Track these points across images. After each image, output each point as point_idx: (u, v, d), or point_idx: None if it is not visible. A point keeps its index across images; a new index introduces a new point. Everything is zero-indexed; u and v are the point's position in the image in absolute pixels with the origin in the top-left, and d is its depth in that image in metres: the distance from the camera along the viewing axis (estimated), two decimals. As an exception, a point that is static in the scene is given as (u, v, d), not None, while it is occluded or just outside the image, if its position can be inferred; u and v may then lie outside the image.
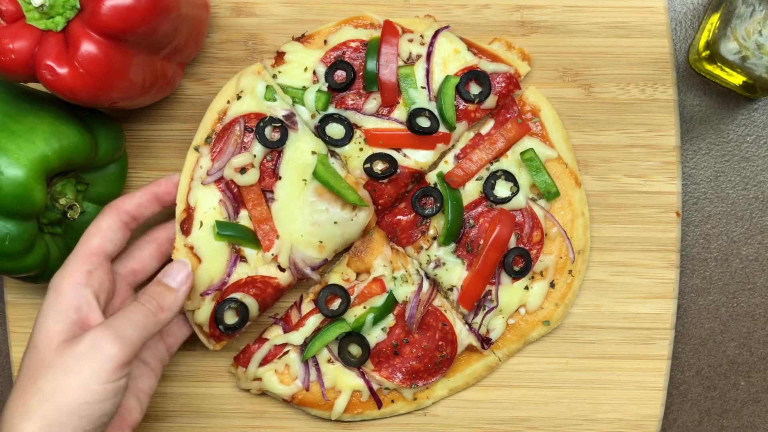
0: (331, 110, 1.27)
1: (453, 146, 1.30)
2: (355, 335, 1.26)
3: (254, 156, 1.23)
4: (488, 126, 1.30)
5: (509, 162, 1.29)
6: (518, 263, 1.27)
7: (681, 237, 1.34)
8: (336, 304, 1.27)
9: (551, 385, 1.33)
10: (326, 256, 1.25)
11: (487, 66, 1.27)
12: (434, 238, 1.28)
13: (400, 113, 1.27)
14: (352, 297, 1.27)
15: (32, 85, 1.21)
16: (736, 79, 1.28)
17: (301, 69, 1.28)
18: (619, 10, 1.30)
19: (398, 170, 1.26)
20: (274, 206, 1.24)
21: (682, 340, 1.40)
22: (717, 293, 1.39)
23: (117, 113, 1.32)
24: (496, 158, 1.29)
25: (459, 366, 1.31)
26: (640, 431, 1.33)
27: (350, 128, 1.26)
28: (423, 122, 1.26)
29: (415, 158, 1.27)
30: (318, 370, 1.28)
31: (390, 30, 1.27)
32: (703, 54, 1.29)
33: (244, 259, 1.25)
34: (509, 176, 1.27)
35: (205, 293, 1.24)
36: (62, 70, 1.06)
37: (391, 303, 1.27)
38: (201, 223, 1.24)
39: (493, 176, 1.27)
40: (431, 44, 1.27)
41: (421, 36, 1.28)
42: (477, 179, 1.28)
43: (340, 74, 1.27)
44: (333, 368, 1.28)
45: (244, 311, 1.24)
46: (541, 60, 1.32)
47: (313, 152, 1.24)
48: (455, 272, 1.28)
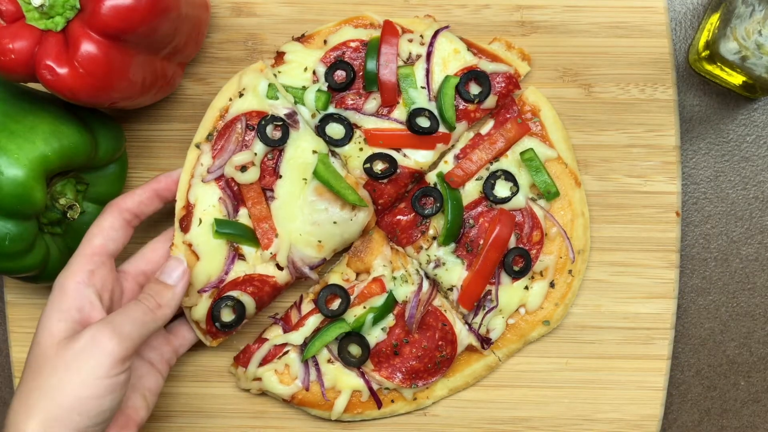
0: (331, 110, 1.27)
1: (453, 146, 1.30)
2: (355, 335, 1.26)
3: (255, 154, 1.23)
4: (488, 126, 1.30)
5: (509, 162, 1.29)
6: (518, 263, 1.27)
7: (681, 237, 1.34)
8: (336, 304, 1.27)
9: (551, 385, 1.33)
10: (325, 256, 1.25)
11: (487, 66, 1.27)
12: (434, 238, 1.28)
13: (400, 113, 1.27)
14: (352, 297, 1.27)
15: (32, 85, 1.21)
16: (736, 79, 1.28)
17: (301, 69, 1.28)
18: (619, 10, 1.30)
19: (398, 170, 1.26)
20: (274, 205, 1.24)
21: (682, 340, 1.39)
22: (717, 293, 1.39)
23: (117, 113, 1.32)
24: (496, 158, 1.29)
25: (459, 366, 1.31)
26: (640, 431, 1.33)
27: (350, 128, 1.26)
28: (423, 122, 1.26)
29: (415, 158, 1.27)
30: (318, 370, 1.28)
31: (390, 30, 1.27)
32: (703, 54, 1.29)
33: (243, 257, 1.25)
34: (509, 176, 1.27)
35: (203, 290, 1.24)
36: (62, 70, 1.06)
37: (391, 303, 1.27)
38: (200, 221, 1.24)
39: (493, 176, 1.27)
40: (431, 44, 1.27)
41: (421, 36, 1.28)
42: (477, 179, 1.28)
43: (340, 74, 1.27)
44: (333, 368, 1.28)
45: (241, 309, 1.24)
46: (541, 60, 1.32)
47: (314, 151, 1.24)
48: (455, 272, 1.28)
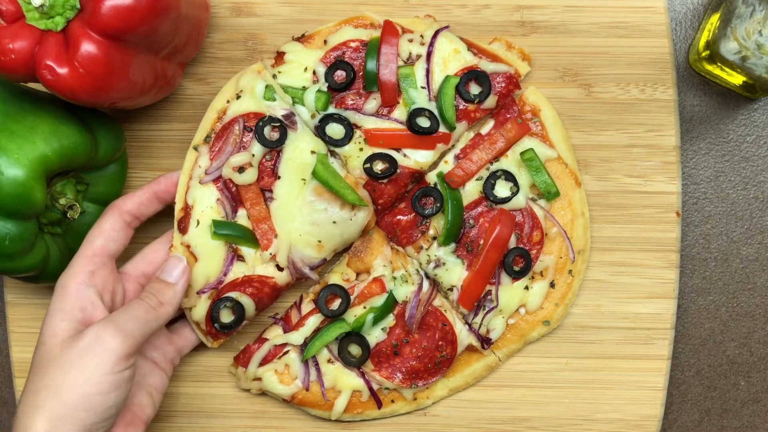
0: (331, 110, 1.27)
1: (453, 146, 1.30)
2: (355, 335, 1.26)
3: (253, 155, 1.24)
4: (488, 126, 1.30)
5: (509, 162, 1.29)
6: (518, 263, 1.27)
7: (681, 237, 1.33)
8: (336, 304, 1.27)
9: (551, 385, 1.33)
10: (325, 256, 1.25)
11: (487, 66, 1.27)
12: (434, 238, 1.28)
13: (400, 113, 1.27)
14: (352, 297, 1.27)
15: (32, 85, 1.21)
16: (736, 79, 1.28)
17: (301, 69, 1.28)
18: (619, 10, 1.30)
19: (398, 170, 1.26)
20: (273, 205, 1.24)
21: (682, 340, 1.39)
22: (717, 293, 1.39)
23: (117, 113, 1.32)
24: (496, 158, 1.29)
25: (459, 366, 1.31)
26: (640, 431, 1.33)
27: (350, 128, 1.26)
28: (423, 122, 1.26)
29: (415, 158, 1.27)
30: (318, 370, 1.28)
31: (390, 30, 1.27)
32: (703, 54, 1.29)
33: (242, 258, 1.25)
34: (509, 176, 1.27)
35: (201, 291, 1.24)
36: (62, 70, 1.06)
37: (391, 303, 1.27)
38: (198, 222, 1.24)
39: (493, 176, 1.27)
40: (431, 44, 1.27)
41: (421, 36, 1.28)
42: (477, 179, 1.28)
43: (340, 74, 1.27)
44: (333, 368, 1.28)
45: (240, 310, 1.24)
46: (541, 60, 1.32)
47: (313, 152, 1.24)
48: (455, 272, 1.27)
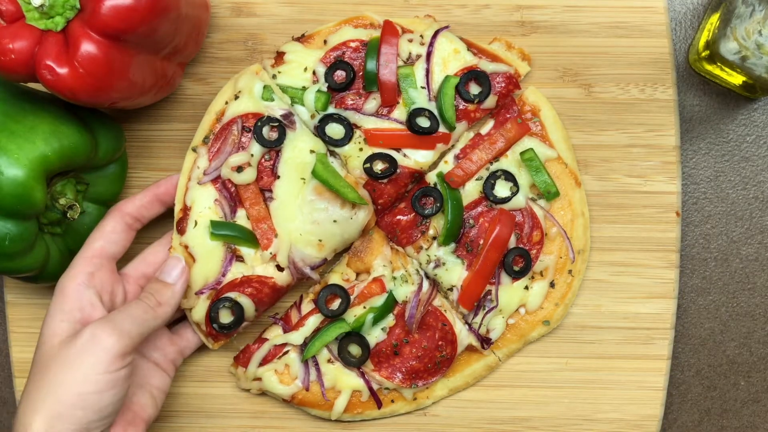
0: (331, 110, 1.27)
1: (453, 146, 1.30)
2: (355, 335, 1.26)
3: (251, 155, 1.24)
4: (488, 126, 1.30)
5: (509, 162, 1.29)
6: (518, 263, 1.27)
7: (681, 237, 1.33)
8: (336, 304, 1.27)
9: (551, 385, 1.33)
10: (325, 255, 1.25)
11: (487, 66, 1.27)
12: (434, 238, 1.28)
13: (400, 113, 1.27)
14: (352, 297, 1.27)
15: (32, 85, 1.21)
16: (736, 79, 1.28)
17: (301, 69, 1.28)
18: (619, 10, 1.30)
19: (398, 170, 1.26)
20: (273, 205, 1.24)
21: (682, 340, 1.39)
22: (717, 293, 1.39)
23: (117, 113, 1.32)
24: (496, 158, 1.29)
25: (459, 366, 1.31)
26: (640, 431, 1.32)
27: (350, 128, 1.26)
28: (423, 122, 1.26)
29: (415, 158, 1.27)
30: (318, 370, 1.28)
31: (390, 30, 1.27)
32: (703, 54, 1.29)
33: (241, 259, 1.25)
34: (509, 176, 1.27)
35: (200, 292, 1.24)
36: (62, 70, 1.06)
37: (391, 303, 1.27)
38: (195, 223, 1.24)
39: (493, 176, 1.27)
40: (431, 44, 1.27)
41: (421, 36, 1.28)
42: (477, 179, 1.28)
43: (340, 74, 1.27)
44: (333, 368, 1.28)
45: (239, 311, 1.24)
46: (541, 60, 1.32)
47: (312, 151, 1.24)
48: (455, 272, 1.27)
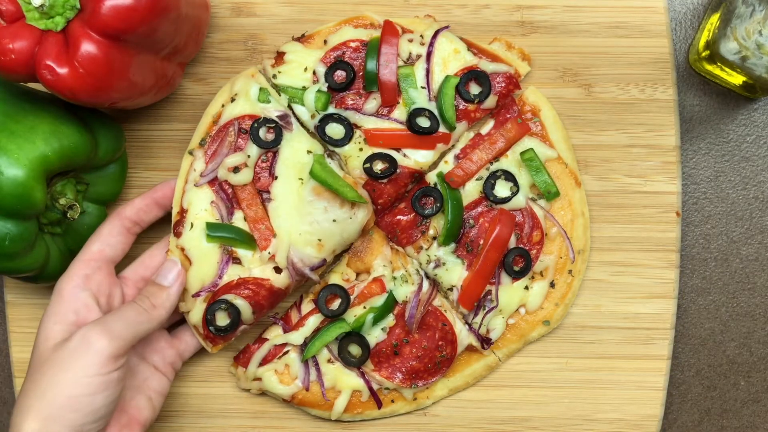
0: (331, 110, 1.27)
1: (453, 146, 1.30)
2: (355, 335, 1.26)
3: (248, 156, 1.23)
4: (488, 126, 1.30)
5: (509, 162, 1.29)
6: (518, 263, 1.27)
7: (681, 237, 1.33)
8: (336, 304, 1.27)
9: (551, 385, 1.33)
10: (325, 256, 1.25)
11: (487, 66, 1.27)
12: (434, 238, 1.28)
13: (400, 113, 1.27)
14: (352, 297, 1.27)
15: (32, 85, 1.21)
16: (736, 79, 1.28)
17: (301, 69, 1.28)
18: (619, 10, 1.30)
19: (398, 170, 1.26)
20: (271, 206, 1.24)
21: (682, 340, 1.39)
22: (717, 293, 1.39)
23: (117, 113, 1.32)
24: (496, 158, 1.29)
25: (459, 366, 1.31)
26: (640, 431, 1.33)
27: (350, 128, 1.26)
28: (423, 122, 1.26)
29: (415, 158, 1.27)
30: (318, 370, 1.28)
31: (390, 30, 1.27)
32: (703, 54, 1.29)
33: (238, 261, 1.24)
34: (509, 176, 1.27)
35: (197, 294, 1.24)
36: (62, 70, 1.06)
37: (391, 303, 1.27)
38: (191, 225, 1.24)
39: (493, 176, 1.27)
40: (431, 44, 1.27)
41: (421, 36, 1.28)
42: (477, 179, 1.28)
43: (340, 74, 1.27)
44: (333, 368, 1.28)
45: (236, 313, 1.23)
46: (541, 60, 1.32)
47: (309, 151, 1.24)
48: (455, 272, 1.27)
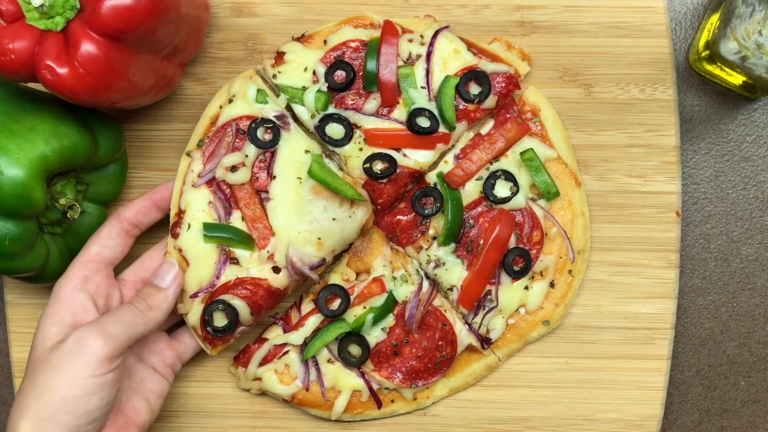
0: (331, 110, 1.27)
1: (453, 146, 1.30)
2: (355, 335, 1.26)
3: (246, 156, 1.23)
4: (488, 126, 1.30)
5: (509, 162, 1.29)
6: (518, 263, 1.27)
7: (681, 237, 1.34)
8: (336, 304, 1.27)
9: (551, 385, 1.33)
10: (324, 255, 1.24)
11: (487, 66, 1.27)
12: (434, 238, 1.28)
13: (400, 113, 1.27)
14: (352, 297, 1.27)
15: (32, 85, 1.21)
16: (736, 79, 1.28)
17: (301, 69, 1.28)
18: (619, 10, 1.30)
19: (398, 170, 1.26)
20: (270, 205, 1.23)
21: (682, 340, 1.39)
22: (717, 293, 1.39)
23: (117, 113, 1.32)
24: (496, 158, 1.29)
25: (459, 366, 1.31)
26: (640, 431, 1.33)
27: (350, 128, 1.26)
28: (423, 122, 1.26)
29: (415, 158, 1.27)
30: (318, 370, 1.28)
31: (390, 30, 1.27)
32: (703, 54, 1.29)
33: (236, 261, 1.23)
34: (509, 176, 1.27)
35: (195, 295, 1.24)
36: (62, 70, 1.06)
37: (391, 303, 1.27)
38: (188, 226, 1.23)
39: (493, 176, 1.27)
40: (431, 44, 1.27)
41: (421, 36, 1.28)
42: (477, 179, 1.28)
43: (340, 74, 1.27)
44: (333, 368, 1.28)
45: (233, 314, 1.22)
46: (541, 60, 1.32)
47: (307, 151, 1.24)
48: (455, 272, 1.27)
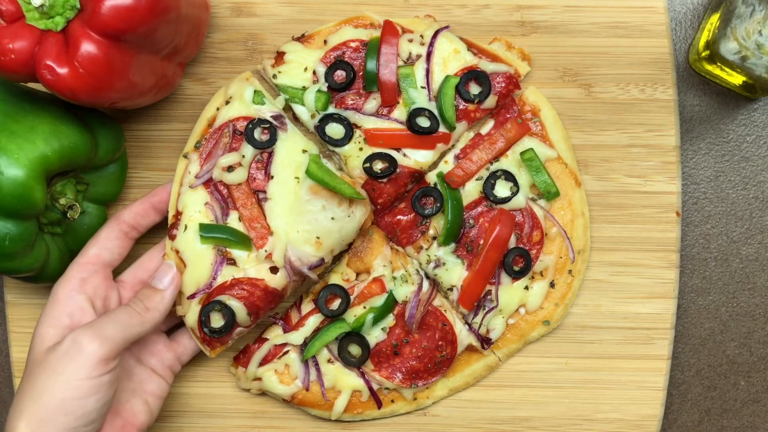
0: (331, 110, 1.27)
1: (453, 146, 1.30)
2: (355, 335, 1.26)
3: (243, 156, 1.23)
4: (488, 126, 1.30)
5: (509, 162, 1.29)
6: (518, 263, 1.27)
7: (681, 237, 1.33)
8: (336, 304, 1.27)
9: (551, 385, 1.33)
10: (323, 255, 1.24)
11: (487, 66, 1.27)
12: (434, 238, 1.28)
13: (400, 113, 1.27)
14: (352, 297, 1.27)
15: (32, 85, 1.21)
16: (736, 79, 1.28)
17: (301, 69, 1.28)
18: (619, 10, 1.30)
19: (398, 170, 1.26)
20: (267, 205, 1.23)
21: (682, 340, 1.39)
22: (717, 293, 1.39)
23: (117, 113, 1.32)
24: (496, 158, 1.29)
25: (459, 366, 1.31)
26: (640, 431, 1.33)
27: (350, 128, 1.26)
28: (423, 122, 1.26)
29: (415, 158, 1.27)
30: (318, 370, 1.28)
31: (390, 30, 1.27)
32: (703, 54, 1.29)
33: (233, 262, 1.23)
34: (509, 176, 1.27)
35: (192, 296, 1.23)
36: (62, 70, 1.06)
37: (391, 303, 1.27)
38: (185, 227, 1.23)
39: (493, 176, 1.27)
40: (431, 44, 1.27)
41: (421, 36, 1.28)
42: (477, 179, 1.28)
43: (340, 74, 1.27)
44: (333, 368, 1.28)
45: (230, 314, 1.22)
46: (541, 60, 1.32)
47: (304, 151, 1.24)
48: (455, 272, 1.27)
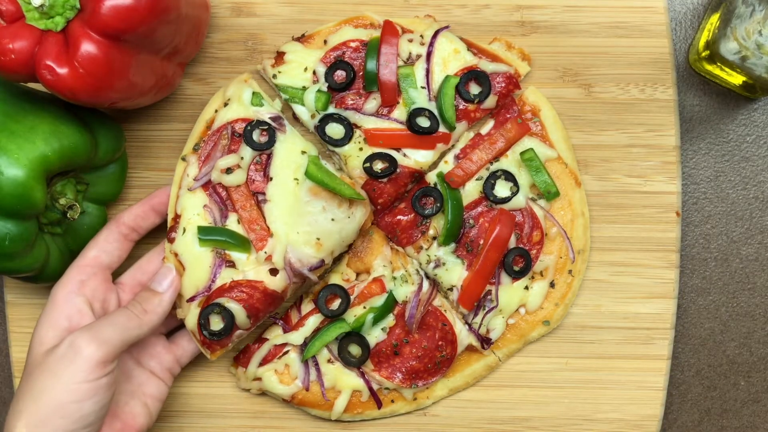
0: (331, 110, 1.27)
1: (453, 146, 1.30)
2: (355, 335, 1.26)
3: (242, 158, 1.23)
4: (488, 126, 1.30)
5: (509, 162, 1.29)
6: (518, 263, 1.27)
7: (681, 237, 1.34)
8: (336, 304, 1.27)
9: (551, 385, 1.33)
10: (323, 256, 1.24)
11: (487, 66, 1.27)
12: (434, 238, 1.28)
13: (400, 113, 1.27)
14: (352, 297, 1.27)
15: (32, 85, 1.21)
16: (736, 79, 1.28)
17: (301, 69, 1.28)
18: (619, 10, 1.30)
19: (398, 170, 1.26)
20: (267, 206, 1.23)
21: (682, 340, 1.39)
22: (717, 293, 1.39)
23: (117, 113, 1.32)
24: (496, 158, 1.29)
25: (459, 366, 1.31)
26: (640, 431, 1.33)
27: (350, 128, 1.26)
28: (423, 122, 1.26)
29: (415, 158, 1.27)
30: (318, 370, 1.28)
31: (390, 30, 1.27)
32: (703, 54, 1.29)
33: (232, 264, 1.23)
34: (509, 176, 1.27)
35: (192, 299, 1.23)
36: (62, 70, 1.06)
37: (391, 303, 1.27)
38: (184, 230, 1.23)
39: (493, 176, 1.27)
40: (431, 44, 1.27)
41: (421, 36, 1.28)
42: (477, 179, 1.28)
43: (340, 74, 1.27)
44: (333, 368, 1.28)
45: (229, 317, 1.22)
46: (541, 60, 1.32)
47: (303, 152, 1.24)
48: (455, 272, 1.27)
